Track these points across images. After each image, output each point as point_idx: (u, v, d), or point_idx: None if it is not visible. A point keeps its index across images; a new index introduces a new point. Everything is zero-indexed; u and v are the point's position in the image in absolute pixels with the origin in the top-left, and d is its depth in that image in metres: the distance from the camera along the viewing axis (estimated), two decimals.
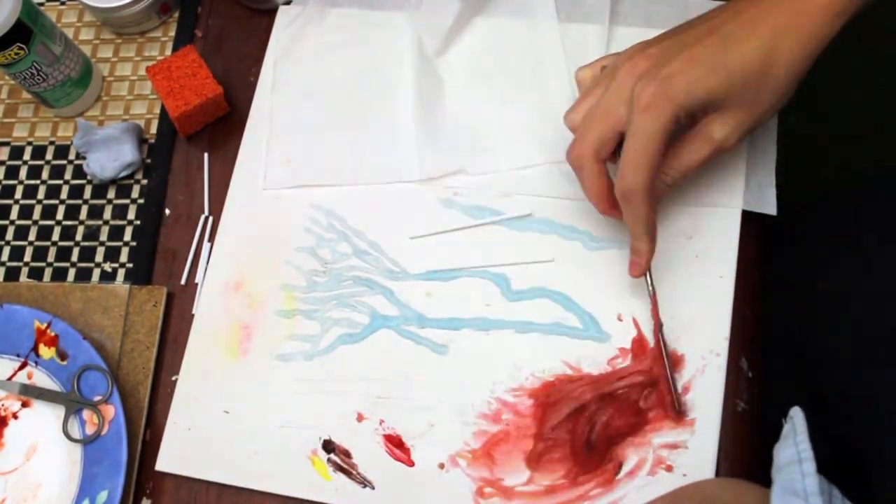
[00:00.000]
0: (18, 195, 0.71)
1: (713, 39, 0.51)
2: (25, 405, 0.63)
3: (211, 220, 0.67)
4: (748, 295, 0.59)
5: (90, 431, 0.61)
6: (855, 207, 0.66)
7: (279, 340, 0.63)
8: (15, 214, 0.70)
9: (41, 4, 0.76)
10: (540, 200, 0.63)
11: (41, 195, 0.70)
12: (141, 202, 0.69)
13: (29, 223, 0.70)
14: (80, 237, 0.69)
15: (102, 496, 0.58)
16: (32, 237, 0.69)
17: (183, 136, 0.70)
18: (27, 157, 0.72)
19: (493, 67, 0.68)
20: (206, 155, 0.70)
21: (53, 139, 0.72)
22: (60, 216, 0.69)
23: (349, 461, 0.59)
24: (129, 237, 0.68)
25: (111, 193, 0.69)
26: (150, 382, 0.63)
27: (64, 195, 0.70)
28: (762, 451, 0.56)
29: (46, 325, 0.63)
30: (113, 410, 0.60)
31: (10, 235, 0.69)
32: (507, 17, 0.69)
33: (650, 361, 0.57)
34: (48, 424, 0.62)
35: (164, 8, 0.73)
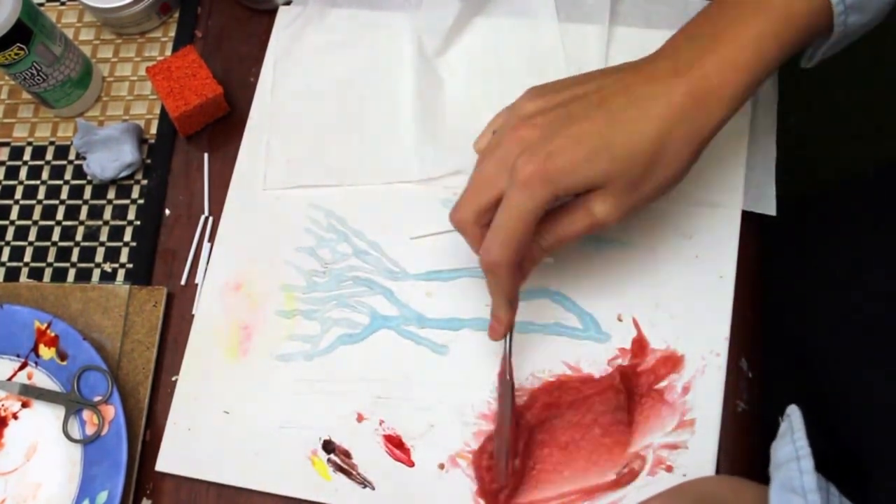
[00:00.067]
0: (18, 195, 0.71)
1: (601, 115, 0.49)
2: (25, 405, 0.63)
3: (211, 220, 0.67)
4: (748, 295, 0.59)
5: (90, 432, 0.61)
6: (855, 207, 0.66)
7: (279, 341, 0.63)
8: (15, 215, 0.70)
9: (41, 5, 0.76)
10: None
11: (41, 195, 0.70)
12: (141, 202, 0.69)
13: (29, 223, 0.70)
14: (80, 237, 0.69)
15: (102, 496, 0.58)
16: (32, 237, 0.69)
17: (183, 136, 0.70)
18: (27, 157, 0.72)
19: (493, 67, 0.68)
20: (206, 155, 0.70)
21: (53, 139, 0.72)
22: (60, 216, 0.69)
23: (349, 461, 0.59)
24: (129, 237, 0.68)
25: (111, 194, 0.70)
26: (150, 383, 0.63)
27: (64, 195, 0.70)
28: (762, 451, 0.56)
29: (46, 325, 0.63)
30: (113, 411, 0.60)
31: (10, 236, 0.70)
32: (507, 17, 0.69)
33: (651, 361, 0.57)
34: (48, 425, 0.62)
35: (164, 8, 0.73)
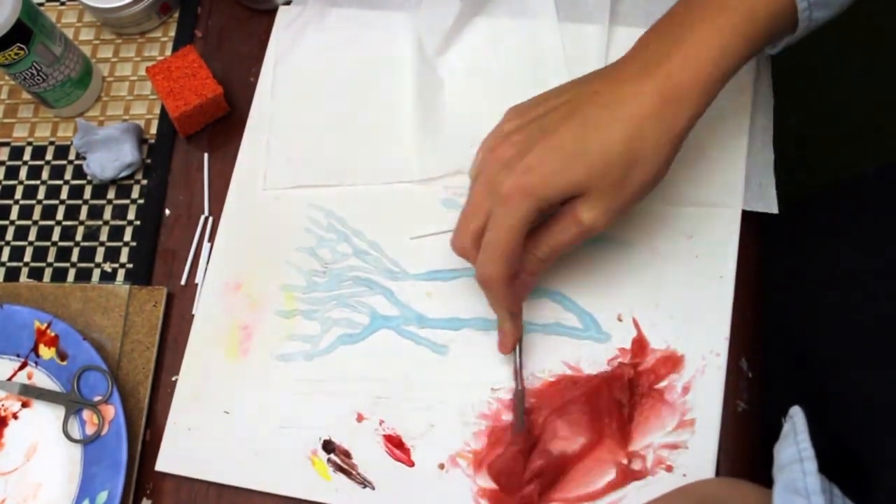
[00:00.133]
0: (18, 195, 0.71)
1: (573, 125, 0.50)
2: (25, 405, 0.63)
3: (211, 220, 0.67)
4: (748, 295, 0.59)
5: (90, 432, 0.61)
6: (855, 207, 0.66)
7: (279, 341, 0.63)
8: (15, 215, 0.70)
9: (41, 5, 0.76)
10: None
11: (41, 195, 0.70)
12: (141, 202, 0.69)
13: (29, 223, 0.70)
14: (80, 237, 0.69)
15: (102, 496, 0.58)
16: (32, 237, 0.69)
17: (183, 136, 0.70)
18: (27, 157, 0.72)
19: (493, 67, 0.68)
20: (206, 155, 0.70)
21: (53, 139, 0.72)
22: (60, 216, 0.69)
23: (349, 461, 0.59)
24: (129, 237, 0.68)
25: (111, 194, 0.70)
26: (150, 383, 0.63)
27: (64, 195, 0.70)
28: (762, 451, 0.56)
29: (46, 325, 0.63)
30: (113, 411, 0.60)
31: (10, 236, 0.70)
32: (507, 17, 0.69)
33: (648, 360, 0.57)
34: (48, 425, 0.62)
35: (164, 8, 0.73)
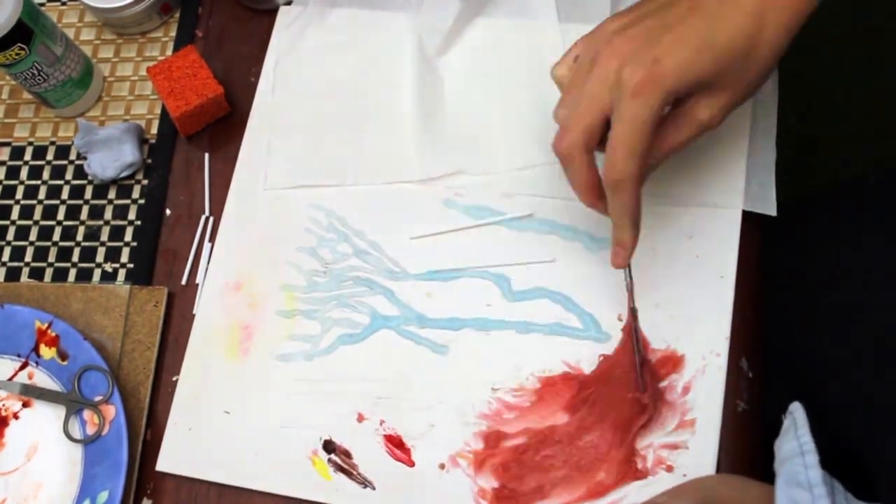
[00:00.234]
0: (19, 195, 0.71)
1: (697, 19, 0.49)
2: (26, 405, 0.63)
3: (212, 220, 0.67)
4: (748, 295, 0.59)
5: (91, 432, 0.61)
6: (855, 207, 0.66)
7: (279, 340, 0.63)
8: (16, 215, 0.70)
9: (42, 5, 0.76)
10: (541, 201, 0.63)
11: (42, 195, 0.70)
12: (142, 202, 0.69)
13: (30, 223, 0.70)
14: (80, 237, 0.69)
15: (103, 496, 0.58)
16: (33, 237, 0.69)
17: (184, 136, 0.70)
18: (28, 157, 0.72)
19: (493, 67, 0.68)
20: (206, 155, 0.70)
21: (54, 139, 0.72)
22: (61, 216, 0.69)
23: (350, 461, 0.59)
24: (129, 237, 0.68)
25: (112, 194, 0.70)
26: (150, 383, 0.63)
27: (65, 195, 0.70)
28: (763, 450, 0.56)
29: (47, 325, 0.63)
30: (113, 410, 0.60)
31: (10, 236, 0.70)
32: (507, 17, 0.69)
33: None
34: (49, 425, 0.62)
35: (164, 8, 0.73)
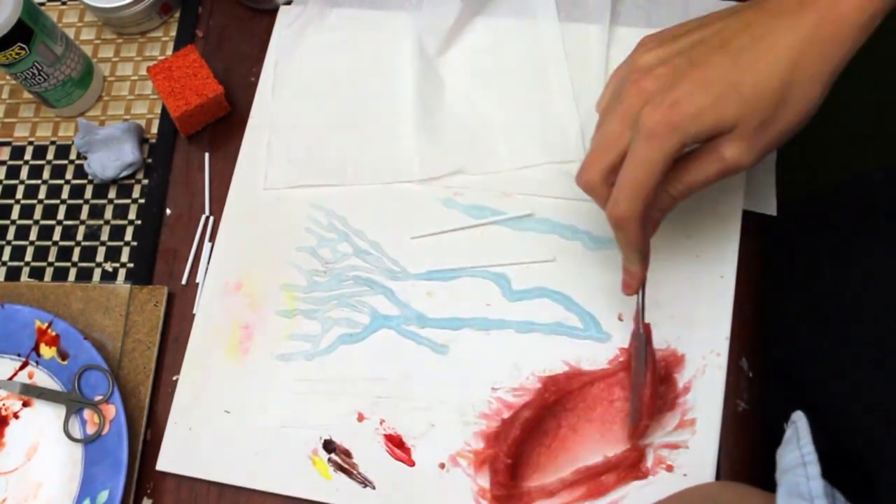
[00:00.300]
0: (20, 195, 0.71)
1: (725, 58, 0.47)
2: (26, 405, 0.63)
3: (212, 219, 0.67)
4: (748, 295, 0.59)
5: (91, 431, 0.61)
6: (854, 207, 0.66)
7: (280, 340, 0.63)
8: (16, 214, 0.70)
9: (42, 4, 0.76)
10: (541, 200, 0.63)
11: (42, 195, 0.70)
12: (142, 202, 0.69)
13: (30, 223, 0.70)
14: (81, 237, 0.69)
15: (103, 496, 0.58)
16: (33, 237, 0.69)
17: (184, 135, 0.70)
18: (28, 156, 0.72)
19: (493, 67, 0.68)
20: (206, 155, 0.70)
21: (54, 139, 0.72)
22: (61, 216, 0.70)
23: (350, 461, 0.59)
24: (129, 237, 0.68)
25: (112, 193, 0.70)
26: (150, 382, 0.63)
27: (65, 195, 0.70)
28: (763, 451, 0.56)
29: (47, 324, 0.63)
30: (114, 410, 0.60)
31: (11, 235, 0.70)
32: (507, 17, 0.69)
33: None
34: (49, 424, 0.62)
35: (165, 8, 0.73)
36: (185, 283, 0.66)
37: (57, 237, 0.69)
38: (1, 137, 0.73)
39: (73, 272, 0.68)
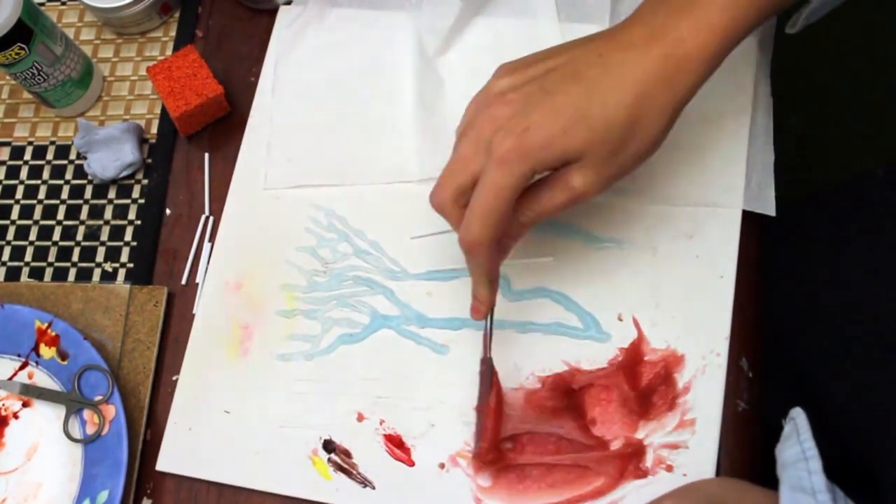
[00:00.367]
0: (19, 195, 0.71)
1: (576, 87, 0.48)
2: (26, 405, 0.63)
3: (212, 219, 0.67)
4: (748, 295, 0.59)
5: (91, 431, 0.61)
6: (855, 207, 0.66)
7: (280, 340, 0.63)
8: (16, 214, 0.70)
9: (42, 4, 0.76)
10: None
11: (42, 195, 0.70)
12: (142, 202, 0.69)
13: (30, 223, 0.70)
14: (80, 237, 0.69)
15: (103, 496, 0.58)
16: (33, 237, 0.69)
17: (184, 135, 0.70)
18: (28, 157, 0.72)
19: (493, 67, 0.67)
20: (206, 155, 0.70)
21: (54, 139, 0.72)
22: (61, 216, 0.70)
23: (349, 461, 0.59)
24: (129, 237, 0.68)
25: (112, 193, 0.70)
26: (150, 382, 0.63)
27: (65, 195, 0.70)
28: (762, 450, 0.56)
29: (47, 324, 0.63)
30: (113, 410, 0.60)
31: (10, 235, 0.70)
32: (507, 17, 0.69)
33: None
34: (49, 424, 0.62)
35: (164, 8, 0.73)
36: (185, 283, 0.66)
37: (57, 237, 0.69)
38: (1, 137, 0.73)
39: (72, 272, 0.68)
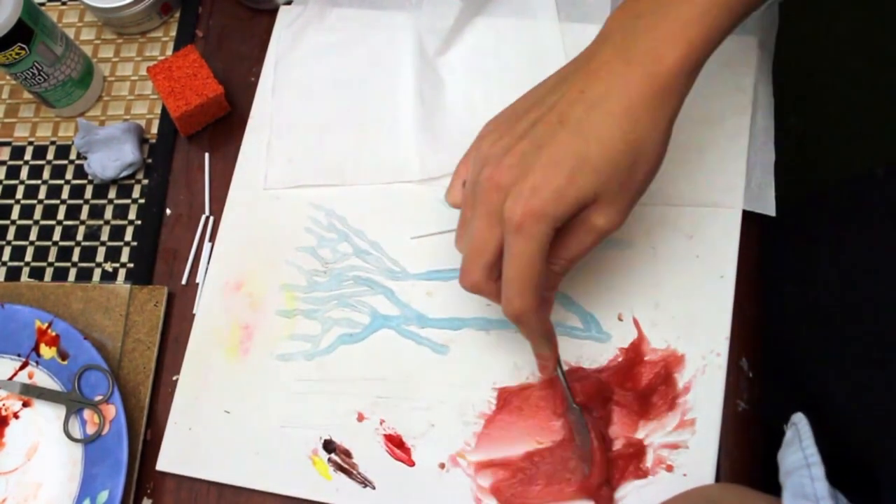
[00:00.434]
0: (20, 195, 0.71)
1: (568, 133, 0.47)
2: (26, 405, 0.63)
3: (212, 219, 0.67)
4: (748, 295, 0.59)
5: (91, 431, 0.61)
6: (855, 206, 0.66)
7: (280, 340, 0.63)
8: (16, 214, 0.70)
9: (42, 4, 0.76)
10: None
11: (42, 195, 0.71)
12: (142, 202, 0.69)
13: (30, 223, 0.70)
14: (81, 237, 0.69)
15: (103, 496, 0.58)
16: (33, 237, 0.69)
17: (184, 135, 0.70)
18: (28, 157, 0.72)
19: (493, 67, 0.68)
20: (206, 155, 0.70)
21: (54, 139, 0.72)
22: (61, 216, 0.70)
23: (350, 461, 0.59)
24: (129, 237, 0.68)
25: (112, 193, 0.70)
26: (150, 382, 0.63)
27: (65, 195, 0.70)
28: (763, 451, 0.56)
29: (47, 324, 0.63)
30: (114, 410, 0.60)
31: (11, 235, 0.70)
32: (507, 17, 0.69)
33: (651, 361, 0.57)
34: (49, 424, 0.62)
35: (165, 8, 0.73)
36: (185, 283, 0.66)
37: (57, 237, 0.69)
38: (1, 137, 0.73)
39: (73, 272, 0.68)
